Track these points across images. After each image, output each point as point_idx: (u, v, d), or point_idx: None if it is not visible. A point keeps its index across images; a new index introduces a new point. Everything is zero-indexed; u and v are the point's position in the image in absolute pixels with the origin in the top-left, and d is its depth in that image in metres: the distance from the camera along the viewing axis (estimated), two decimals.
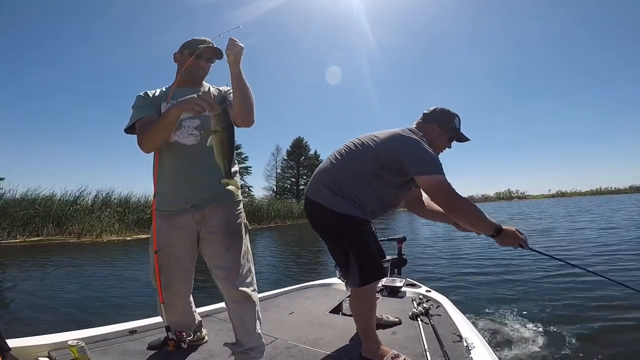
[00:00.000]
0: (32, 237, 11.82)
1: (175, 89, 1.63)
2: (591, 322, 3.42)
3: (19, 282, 5.95)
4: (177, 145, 1.57)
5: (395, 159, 1.64)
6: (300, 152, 42.61)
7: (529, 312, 3.81)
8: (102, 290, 5.33)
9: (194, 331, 1.83)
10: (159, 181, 1.60)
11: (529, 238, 1.63)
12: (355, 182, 1.67)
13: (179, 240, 1.60)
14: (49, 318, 3.97)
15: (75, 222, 12.75)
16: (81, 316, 4.03)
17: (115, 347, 1.74)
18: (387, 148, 1.66)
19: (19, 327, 3.64)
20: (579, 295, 4.34)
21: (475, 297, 4.53)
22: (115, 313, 4.05)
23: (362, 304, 1.74)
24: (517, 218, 21.36)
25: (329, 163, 1.78)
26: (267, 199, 30.94)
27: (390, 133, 1.74)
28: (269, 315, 2.30)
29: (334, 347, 1.87)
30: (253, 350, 1.58)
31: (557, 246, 8.48)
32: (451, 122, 1.84)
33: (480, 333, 2.00)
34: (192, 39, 1.69)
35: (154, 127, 1.50)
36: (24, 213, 12.08)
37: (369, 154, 1.68)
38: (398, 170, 1.66)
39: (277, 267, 7.82)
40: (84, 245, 11.24)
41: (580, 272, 4.99)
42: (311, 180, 1.82)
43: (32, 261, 8.03)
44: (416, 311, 2.20)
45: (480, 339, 1.88)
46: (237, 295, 1.56)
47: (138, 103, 1.64)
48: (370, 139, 1.73)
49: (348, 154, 1.74)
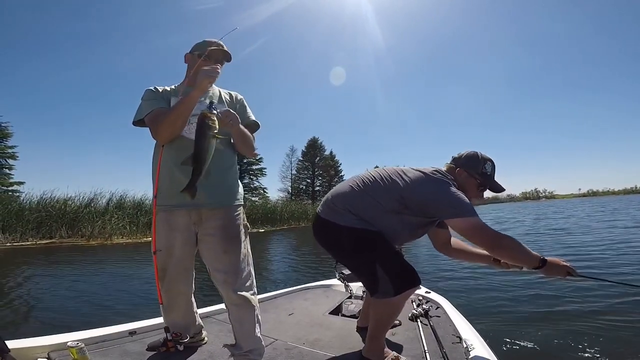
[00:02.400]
0: (45, 239, 12.09)
1: (186, 87, 1.65)
2: (592, 323, 3.39)
3: (20, 283, 6.02)
4: (182, 139, 1.58)
5: (422, 203, 1.62)
6: (315, 153, 42.17)
7: (529, 313, 3.77)
8: (102, 292, 5.36)
9: (194, 333, 1.83)
10: (161, 175, 1.60)
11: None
12: (369, 210, 1.65)
13: (178, 241, 1.60)
14: (49, 319, 4.00)
15: (87, 225, 13.02)
16: (81, 317, 4.06)
17: (114, 349, 1.75)
18: (416, 192, 1.63)
19: (18, 329, 3.68)
20: (580, 295, 4.29)
21: (475, 298, 4.49)
22: (114, 314, 4.08)
23: (391, 313, 1.67)
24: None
25: (348, 188, 1.72)
26: (282, 201, 30.93)
27: (420, 175, 1.68)
28: (269, 317, 2.30)
29: (333, 348, 1.87)
30: (252, 352, 1.59)
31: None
32: (479, 168, 1.77)
33: (479, 334, 1.99)
34: (203, 40, 1.70)
35: (173, 111, 1.53)
36: (36, 216, 12.41)
37: (394, 193, 1.64)
38: (422, 212, 1.65)
39: (279, 268, 7.85)
40: (92, 248, 11.34)
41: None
42: (325, 201, 1.77)
43: (37, 263, 8.15)
44: (416, 312, 2.20)
45: (479, 340, 1.86)
46: (236, 299, 1.56)
47: (148, 96, 1.64)
48: (399, 176, 1.69)
49: (372, 185, 1.69)
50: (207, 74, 1.50)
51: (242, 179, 33.10)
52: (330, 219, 1.69)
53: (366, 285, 1.72)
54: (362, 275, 1.73)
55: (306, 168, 42.18)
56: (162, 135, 1.56)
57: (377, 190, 1.67)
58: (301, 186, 41.97)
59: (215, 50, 1.66)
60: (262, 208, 22.30)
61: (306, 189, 41.65)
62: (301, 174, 42.26)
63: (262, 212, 21.28)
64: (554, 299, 4.28)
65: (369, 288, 1.68)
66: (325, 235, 1.75)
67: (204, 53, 1.63)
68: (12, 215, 12.12)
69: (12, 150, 21.36)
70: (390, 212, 1.65)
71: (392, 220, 1.66)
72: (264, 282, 5.93)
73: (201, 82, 1.51)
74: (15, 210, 12.40)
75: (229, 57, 1.71)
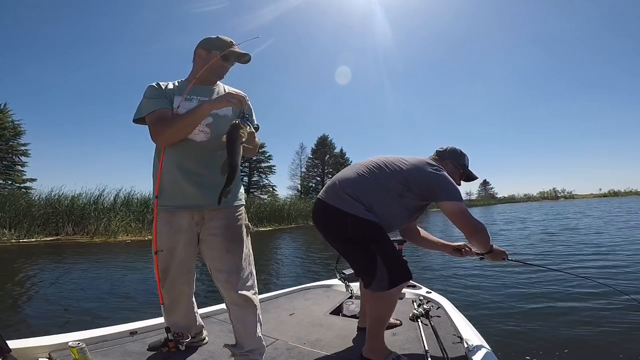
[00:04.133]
0: (51, 236, 12.20)
1: (193, 86, 1.62)
2: (593, 323, 3.42)
3: (20, 282, 6.01)
4: (186, 140, 1.56)
5: (424, 184, 1.78)
6: (325, 151, 41.93)
7: (530, 312, 3.79)
8: (103, 291, 5.38)
9: (195, 333, 1.82)
10: (163, 176, 1.57)
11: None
12: (376, 196, 1.74)
13: (180, 242, 1.59)
14: (49, 319, 4.04)
15: (92, 222, 13.14)
16: (82, 317, 4.08)
17: (115, 348, 1.75)
18: (420, 174, 1.79)
19: (19, 328, 3.70)
20: (580, 295, 4.33)
21: (475, 299, 4.51)
22: (115, 314, 4.11)
23: (386, 307, 1.72)
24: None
25: (353, 174, 1.81)
26: (290, 199, 30.29)
27: (419, 160, 1.87)
28: (270, 316, 2.31)
29: (334, 348, 1.87)
30: (253, 352, 1.59)
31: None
32: (462, 160, 2.01)
33: (480, 334, 1.99)
34: (218, 37, 1.67)
35: (180, 121, 1.50)
36: (42, 212, 12.57)
37: (399, 176, 1.78)
38: (420, 194, 1.79)
39: (280, 267, 7.89)
40: (95, 245, 11.37)
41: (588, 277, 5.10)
42: (328, 186, 1.84)
43: (38, 261, 8.14)
44: (416, 312, 2.20)
45: (481, 340, 1.87)
46: (238, 299, 1.55)
47: (150, 93, 1.60)
48: (400, 161, 1.84)
49: (377, 170, 1.80)
50: (232, 98, 1.49)
51: (251, 177, 33.52)
52: (337, 205, 1.73)
53: (363, 275, 1.78)
54: (360, 265, 1.78)
55: (316, 166, 41.89)
56: (165, 140, 1.55)
57: (383, 174, 1.79)
58: (310, 184, 41.55)
59: (235, 52, 1.65)
60: (270, 206, 22.00)
61: (316, 187, 40.82)
62: (311, 172, 42.01)
63: (269, 210, 21.00)
64: (555, 299, 4.29)
65: (366, 279, 1.72)
66: (328, 220, 1.80)
67: (223, 52, 1.61)
68: (19, 212, 12.25)
69: (24, 148, 21.83)
70: (395, 195, 1.77)
71: (394, 204, 1.78)
72: (265, 282, 5.95)
73: (221, 101, 1.50)
74: (23, 207, 12.52)
75: (243, 59, 1.70)
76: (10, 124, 21.11)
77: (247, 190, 31.79)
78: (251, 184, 33.84)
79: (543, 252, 8.29)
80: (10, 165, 21.24)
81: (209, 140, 1.59)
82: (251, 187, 33.60)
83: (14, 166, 21.49)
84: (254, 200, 23.68)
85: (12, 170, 21.07)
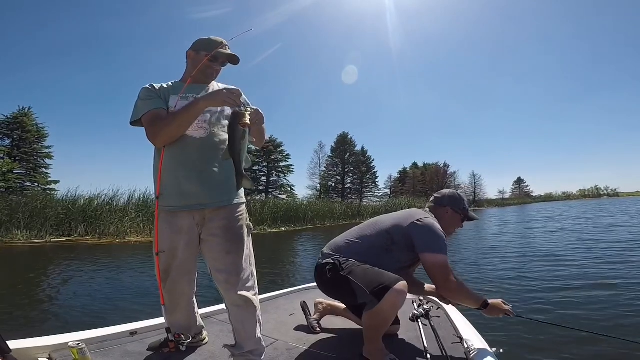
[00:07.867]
0: (63, 237, 12.53)
1: (188, 85, 1.64)
2: (594, 323, 3.46)
3: (21, 283, 6.10)
4: (185, 137, 1.56)
5: (405, 235, 1.84)
6: (345, 149, 39.89)
7: (530, 312, 3.81)
8: (103, 292, 5.46)
9: (195, 334, 1.83)
10: (164, 175, 1.57)
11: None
12: (363, 253, 1.84)
13: (181, 243, 1.59)
14: (50, 319, 4.12)
15: (104, 223, 13.46)
16: (82, 318, 4.15)
17: (115, 349, 1.76)
18: (401, 225, 1.87)
19: (19, 329, 3.76)
20: (581, 296, 4.40)
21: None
22: (115, 314, 4.16)
23: (380, 322, 1.69)
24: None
25: (343, 242, 1.95)
26: (307, 199, 29.80)
27: (407, 212, 1.96)
28: (270, 317, 2.32)
29: (334, 348, 1.88)
30: (252, 352, 1.59)
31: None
32: (462, 204, 2.07)
33: (480, 334, 1.99)
34: (209, 38, 1.68)
35: (176, 118, 1.51)
36: (53, 213, 12.89)
37: (382, 229, 1.89)
38: (407, 246, 1.85)
39: (281, 268, 7.95)
40: (102, 247, 11.55)
41: (591, 277, 5.34)
42: (321, 254, 1.98)
43: (43, 262, 8.28)
44: (416, 313, 2.20)
45: (481, 340, 1.87)
46: (238, 300, 1.55)
47: (144, 95, 1.61)
48: (387, 217, 1.97)
49: (363, 229, 1.96)
50: (227, 97, 1.48)
51: (270, 177, 33.56)
52: (322, 262, 1.88)
53: (351, 305, 1.93)
54: (346, 298, 1.94)
55: (335, 164, 39.70)
56: (161, 139, 1.55)
57: (367, 230, 1.94)
58: (330, 183, 39.93)
59: (223, 54, 1.65)
60: (285, 206, 21.12)
61: (335, 187, 39.63)
62: (330, 171, 39.86)
63: (284, 210, 20.19)
64: (555, 298, 4.32)
65: (355, 307, 1.85)
66: (319, 278, 1.93)
67: (211, 53, 1.62)
68: (34, 213, 12.61)
69: (48, 150, 22.43)
70: (382, 250, 1.85)
71: (385, 259, 1.84)
72: (265, 283, 5.96)
73: (215, 98, 1.50)
74: (38, 209, 12.88)
75: (234, 61, 1.70)
76: (34, 127, 21.73)
77: (266, 190, 31.52)
78: (270, 184, 33.82)
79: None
80: (35, 167, 21.88)
81: (209, 136, 1.60)
82: (269, 186, 33.58)
83: (39, 168, 22.17)
84: (270, 201, 22.96)
85: (36, 173, 21.66)
